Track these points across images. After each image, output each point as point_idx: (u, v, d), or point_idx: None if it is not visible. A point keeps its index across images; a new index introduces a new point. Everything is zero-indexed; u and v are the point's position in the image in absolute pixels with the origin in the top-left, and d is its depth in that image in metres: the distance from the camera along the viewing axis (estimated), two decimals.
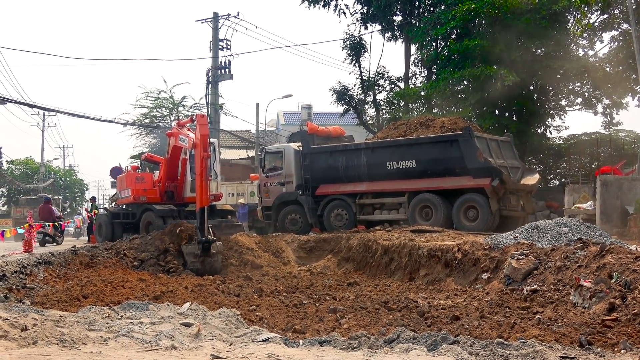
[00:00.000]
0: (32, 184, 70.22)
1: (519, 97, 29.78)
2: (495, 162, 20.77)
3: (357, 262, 18.35)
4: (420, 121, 23.64)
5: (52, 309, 10.78)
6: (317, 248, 20.46)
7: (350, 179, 23.14)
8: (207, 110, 39.41)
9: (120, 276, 15.83)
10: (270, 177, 24.88)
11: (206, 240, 18.10)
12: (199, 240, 18.10)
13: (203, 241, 18.05)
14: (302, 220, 24.03)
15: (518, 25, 28.00)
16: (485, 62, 28.29)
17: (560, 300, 11.01)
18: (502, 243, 14.44)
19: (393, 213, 22.43)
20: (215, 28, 38.42)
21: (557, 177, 36.63)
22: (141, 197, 23.96)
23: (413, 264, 16.28)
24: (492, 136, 22.87)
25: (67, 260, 16.95)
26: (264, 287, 14.69)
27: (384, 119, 38.78)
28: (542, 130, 32.78)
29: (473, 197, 20.72)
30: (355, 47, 39.59)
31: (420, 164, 21.66)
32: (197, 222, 18.31)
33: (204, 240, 18.06)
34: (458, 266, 14.91)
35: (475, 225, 20.36)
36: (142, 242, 19.33)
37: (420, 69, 39.59)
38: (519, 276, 12.53)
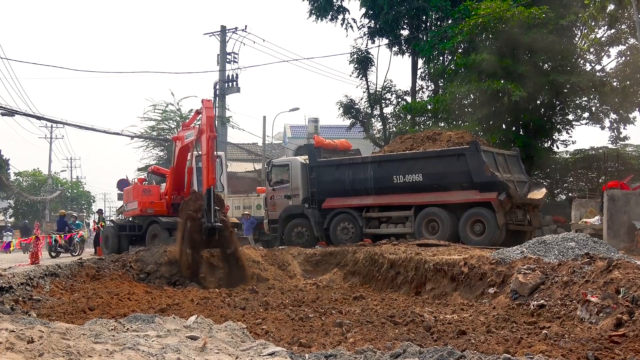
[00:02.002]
0: (39, 196, 70.39)
1: (526, 111, 29.75)
2: (502, 177, 20.75)
3: (363, 275, 18.32)
4: (427, 135, 23.64)
5: (59, 321, 10.79)
6: (323, 261, 20.43)
7: (356, 193, 23.13)
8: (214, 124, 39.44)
9: (126, 288, 15.84)
10: (276, 190, 24.89)
11: (212, 227, 18.11)
12: (205, 225, 18.08)
13: (209, 227, 18.06)
14: (309, 234, 24.01)
15: (525, 40, 28.00)
16: (492, 76, 28.26)
17: (567, 315, 10.96)
18: (508, 257, 14.40)
19: (399, 227, 22.40)
20: (223, 41, 38.59)
21: (564, 191, 36.55)
22: (148, 209, 23.98)
23: (419, 278, 16.25)
24: (499, 150, 22.85)
25: (74, 273, 16.98)
26: (269, 301, 14.66)
27: (391, 132, 38.76)
28: (549, 144, 32.73)
29: (480, 211, 20.68)
30: (362, 60, 39.64)
31: (427, 177, 21.64)
32: (204, 204, 18.32)
33: (209, 226, 18.05)
34: (464, 280, 14.87)
35: (481, 240, 20.32)
36: (148, 254, 19.34)
37: (427, 82, 39.63)
38: (525, 291, 12.49)
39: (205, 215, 18.16)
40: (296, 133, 62.78)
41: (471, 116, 30.28)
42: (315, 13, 39.51)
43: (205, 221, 18.12)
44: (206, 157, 18.63)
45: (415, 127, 34.07)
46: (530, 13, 27.54)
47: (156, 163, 45.90)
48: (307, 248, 22.05)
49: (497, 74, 28.51)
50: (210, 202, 18.21)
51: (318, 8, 39.30)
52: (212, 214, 18.18)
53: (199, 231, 18.22)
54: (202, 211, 18.37)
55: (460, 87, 29.50)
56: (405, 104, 38.16)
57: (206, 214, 18.13)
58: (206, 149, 18.78)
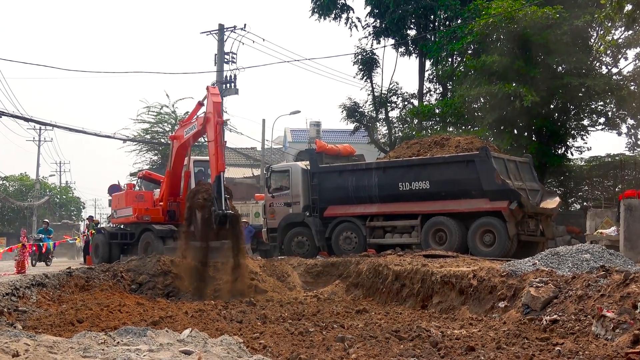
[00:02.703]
0: (26, 201, 70.41)
1: (539, 116, 29.74)
2: (513, 184, 20.74)
3: (367, 288, 18.30)
4: (435, 140, 23.65)
5: (45, 333, 10.75)
6: (324, 273, 20.41)
7: (360, 200, 23.12)
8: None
9: (117, 300, 15.83)
10: (276, 197, 24.89)
11: (223, 214, 18.09)
12: (215, 212, 18.04)
13: (220, 215, 18.03)
14: (309, 243, 24.00)
15: (538, 41, 28.01)
16: (504, 79, 28.28)
17: (581, 331, 10.93)
18: (520, 270, 14.37)
19: (405, 237, 22.38)
20: (221, 40, 38.61)
21: (578, 200, 36.51)
22: (144, 216, 23.90)
23: (426, 290, 16.22)
24: (510, 157, 22.85)
25: (62, 283, 16.96)
26: (268, 314, 14.64)
27: (397, 137, 38.79)
28: (562, 151, 32.71)
29: (490, 221, 20.67)
30: (367, 62, 39.70)
31: (434, 185, 21.64)
32: (214, 191, 18.33)
33: (221, 213, 18.04)
34: (473, 294, 14.84)
35: (491, 251, 20.30)
36: (141, 264, 19.33)
37: (435, 85, 39.69)
38: (537, 305, 12.46)
39: (216, 203, 18.15)
40: (297, 137, 62.88)
41: (481, 121, 30.27)
42: (318, 11, 39.59)
43: (216, 209, 18.09)
44: (214, 143, 18.81)
45: (423, 132, 34.08)
46: (544, 13, 27.55)
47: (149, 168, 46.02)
48: (307, 258, 22.04)
49: (508, 76, 28.51)
50: (220, 189, 18.27)
51: (321, 6, 39.38)
52: (222, 201, 18.19)
53: (209, 220, 18.18)
54: (211, 200, 18.36)
55: (469, 90, 29.51)
56: (412, 107, 38.19)
57: (216, 202, 18.14)
58: (214, 134, 18.96)
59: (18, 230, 41.35)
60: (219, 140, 18.85)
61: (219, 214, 18.02)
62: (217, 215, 18.01)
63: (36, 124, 52.85)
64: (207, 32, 39.06)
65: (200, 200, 18.69)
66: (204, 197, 18.69)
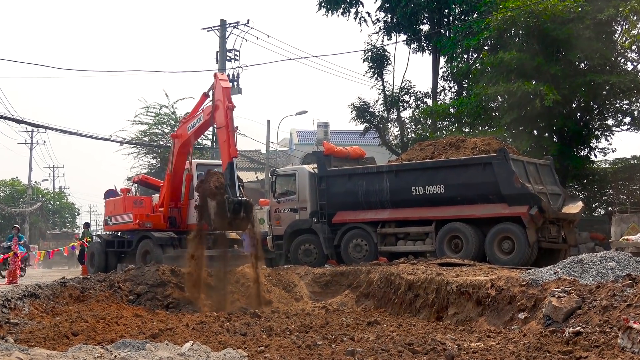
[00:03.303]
0: (18, 207, 70.65)
1: (560, 115, 29.70)
2: (533, 188, 20.70)
3: (378, 298, 18.29)
4: (450, 142, 23.62)
5: (39, 347, 10.79)
6: (333, 282, 20.41)
7: (370, 206, 23.11)
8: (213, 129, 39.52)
9: (114, 311, 15.86)
10: (281, 203, 24.89)
11: (238, 201, 18.15)
12: (229, 199, 18.10)
13: (235, 202, 18.07)
14: (317, 251, 23.99)
15: (559, 36, 27.98)
16: (523, 76, 28.25)
17: (606, 343, 10.90)
18: (540, 279, 14.35)
19: (418, 244, 22.36)
20: (223, 37, 38.70)
21: (602, 205, 36.41)
22: (146, 222, 23.85)
23: (441, 301, 16.21)
24: (530, 159, 22.81)
25: (56, 293, 17.01)
26: (273, 326, 14.65)
27: (409, 138, 38.78)
28: (585, 152, 32.66)
29: (508, 227, 20.64)
30: (377, 59, 39.74)
31: (449, 189, 21.62)
32: (227, 178, 18.45)
33: (235, 200, 18.08)
34: (491, 304, 14.83)
35: (510, 259, 20.26)
36: (139, 273, 19.36)
37: (449, 83, 39.66)
38: (560, 316, 12.43)
39: (229, 190, 18.24)
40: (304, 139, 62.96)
41: (499, 121, 30.26)
42: (326, 6, 39.66)
43: (230, 196, 18.18)
44: (225, 129, 19.02)
45: (437, 133, 34.09)
46: (565, 6, 27.53)
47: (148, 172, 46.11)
48: (315, 267, 22.03)
49: (527, 73, 28.49)
50: (233, 176, 18.45)
51: (328, 0, 39.44)
52: (236, 188, 18.32)
53: (222, 208, 18.24)
54: (223, 187, 18.48)
55: (486, 88, 29.49)
56: (426, 107, 38.19)
57: (229, 189, 18.24)
58: (225, 120, 19.18)
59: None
60: (230, 125, 19.03)
61: (234, 200, 18.11)
62: (231, 202, 18.08)
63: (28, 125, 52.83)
64: (208, 28, 39.20)
65: (211, 186, 18.74)
66: (215, 184, 18.76)
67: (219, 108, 19.54)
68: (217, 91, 19.95)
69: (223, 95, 19.51)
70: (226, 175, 18.61)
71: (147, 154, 50.89)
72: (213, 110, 19.97)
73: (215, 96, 20.09)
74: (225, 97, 19.45)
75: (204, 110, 20.92)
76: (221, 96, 19.58)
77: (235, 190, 18.26)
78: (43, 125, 39.90)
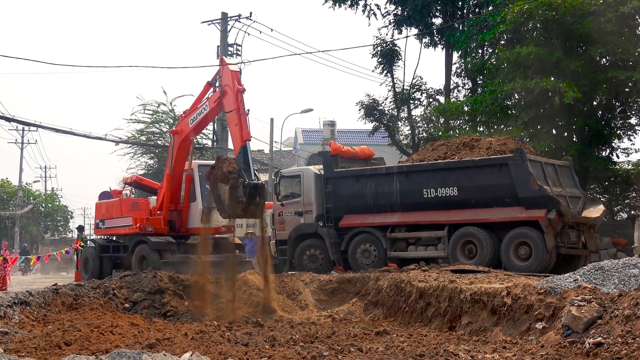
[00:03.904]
0: (7, 210, 70.79)
1: (580, 114, 29.68)
2: (551, 191, 20.68)
3: (388, 307, 18.28)
4: (463, 141, 23.60)
5: (29, 357, 10.82)
6: (340, 290, 20.41)
7: (380, 209, 23.10)
8: (214, 127, 39.68)
9: (108, 320, 15.87)
10: (285, 206, 24.89)
11: (254, 184, 18.30)
12: (245, 183, 18.21)
13: (251, 185, 18.20)
14: (323, 257, 23.99)
15: (579, 30, 27.96)
16: (541, 72, 28.22)
17: (629, 355, 10.89)
18: (559, 287, 14.34)
19: (430, 249, 22.35)
20: (224, 31, 38.73)
21: (625, 209, 36.38)
22: (147, 226, 23.78)
23: (454, 310, 16.20)
24: (549, 160, 22.78)
25: (47, 301, 17.04)
26: (277, 336, 14.66)
27: (421, 138, 38.81)
28: (607, 153, 32.64)
29: (525, 232, 20.61)
30: (387, 54, 39.77)
31: (463, 191, 21.60)
32: (241, 162, 18.63)
33: (252, 184, 18.22)
34: (507, 313, 14.81)
35: (527, 265, 20.23)
36: (135, 279, 19.39)
37: (463, 80, 39.71)
38: (579, 326, 12.42)
39: (244, 174, 18.40)
40: (309, 138, 63.00)
41: (515, 119, 30.23)
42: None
43: (245, 179, 18.33)
44: (237, 113, 19.24)
45: (450, 132, 34.09)
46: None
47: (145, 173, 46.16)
48: (321, 274, 22.02)
49: (546, 69, 28.46)
50: (247, 159, 18.69)
51: None
52: (252, 172, 18.55)
53: (236, 193, 18.31)
54: (235, 171, 18.57)
55: (502, 85, 29.49)
56: (438, 104, 38.22)
57: (244, 172, 18.41)
58: (235, 103, 19.42)
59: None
60: (242, 108, 19.25)
61: (250, 184, 18.26)
62: (247, 186, 18.18)
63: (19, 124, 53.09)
64: (208, 22, 39.21)
65: (224, 170, 18.79)
66: (228, 169, 18.82)
67: (228, 93, 19.79)
68: (224, 75, 20.20)
69: (232, 79, 19.77)
70: (240, 159, 18.76)
71: (144, 154, 50.98)
72: (221, 95, 20.11)
73: (223, 81, 20.31)
74: (234, 80, 19.71)
75: (210, 99, 21.06)
76: (230, 80, 19.84)
77: (250, 174, 18.50)
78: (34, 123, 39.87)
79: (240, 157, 18.78)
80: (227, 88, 19.83)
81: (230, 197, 18.26)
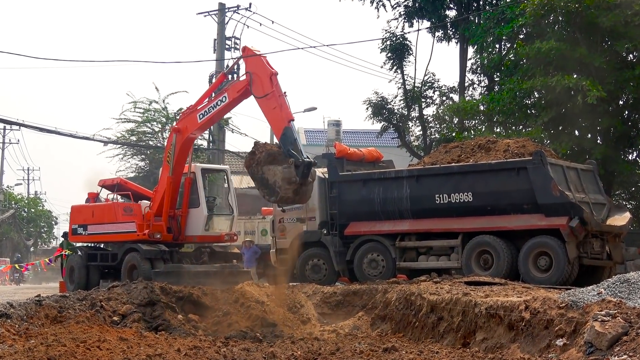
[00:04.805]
0: None
1: (605, 114, 29.66)
2: (574, 197, 20.68)
3: (397, 321, 18.29)
4: (479, 143, 23.62)
5: None
6: (345, 303, 20.44)
7: (388, 216, 23.12)
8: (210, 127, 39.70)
9: (95, 334, 15.88)
10: (287, 212, 24.92)
11: (309, 162, 18.66)
12: (298, 161, 18.45)
13: (305, 163, 18.53)
14: (327, 267, 24.02)
15: (604, 24, 27.95)
16: (562, 69, 28.24)
17: None
18: (582, 300, 14.33)
19: (443, 259, 22.37)
20: (221, 23, 38.82)
21: None
22: (155, 233, 23.51)
23: (468, 325, 16.20)
24: (571, 163, 22.79)
25: (30, 313, 17.03)
26: (277, 352, 14.68)
27: (433, 139, 38.84)
28: (634, 156, 32.65)
29: (545, 241, 20.62)
30: (397, 48, 39.81)
31: (478, 197, 21.62)
32: (287, 143, 18.88)
33: (306, 162, 18.58)
34: (525, 329, 14.81)
35: (547, 277, 20.25)
36: (125, 291, 19.40)
37: (479, 77, 39.74)
38: (603, 343, 12.41)
39: (295, 154, 18.67)
40: (313, 139, 63.09)
41: (535, 120, 30.25)
42: None
43: (298, 157, 18.59)
44: (274, 95, 19.51)
45: (464, 133, 34.08)
46: None
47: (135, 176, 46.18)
48: (325, 285, 22.07)
49: (568, 66, 28.48)
50: (294, 139, 18.98)
51: None
52: (300, 150, 18.85)
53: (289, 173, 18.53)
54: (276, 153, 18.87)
55: (521, 83, 29.50)
56: (452, 103, 38.23)
57: (293, 153, 18.67)
58: (269, 87, 19.67)
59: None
60: (278, 91, 19.57)
61: (304, 162, 18.56)
62: (300, 164, 18.50)
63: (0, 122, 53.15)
64: (204, 13, 39.33)
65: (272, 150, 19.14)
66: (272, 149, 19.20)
67: (258, 78, 20.05)
68: (251, 62, 20.51)
69: (263, 63, 20.12)
70: (285, 141, 18.99)
71: (134, 155, 51.01)
72: (251, 82, 20.31)
73: (249, 68, 20.55)
74: (265, 64, 20.08)
75: (231, 89, 21.22)
76: (260, 65, 20.15)
77: (300, 153, 18.79)
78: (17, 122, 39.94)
79: (284, 138, 19.03)
80: (258, 73, 20.14)
81: (283, 177, 18.48)
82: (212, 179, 28.51)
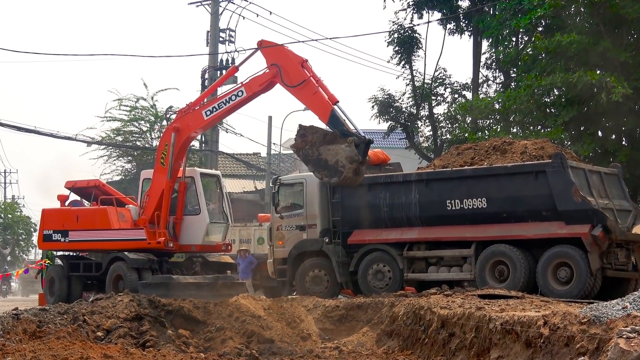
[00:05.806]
0: None
1: (631, 113, 29.63)
2: (596, 203, 20.70)
3: (404, 337, 18.29)
4: (494, 145, 23.64)
5: None
6: (348, 317, 20.44)
7: (395, 223, 23.13)
8: None
9: (77, 351, 15.89)
10: (285, 219, 24.93)
11: (368, 140, 19.75)
12: (357, 141, 19.37)
13: (366, 141, 19.61)
14: (329, 279, 24.01)
15: (630, 15, 27.94)
16: (585, 64, 28.24)
17: None
18: (605, 315, 14.32)
19: (454, 271, 22.37)
20: (215, 13, 38.89)
21: None
22: (169, 242, 23.32)
23: (481, 341, 16.20)
24: (593, 167, 22.80)
25: (7, 328, 17.05)
26: None
27: (444, 140, 38.84)
28: None
29: (566, 251, 20.63)
30: (405, 41, 39.82)
31: (493, 203, 21.64)
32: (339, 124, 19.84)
33: (366, 139, 19.66)
34: (544, 346, 14.81)
35: (568, 290, 20.25)
36: (109, 304, 19.41)
37: (494, 72, 39.75)
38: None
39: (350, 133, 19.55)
40: None
41: (555, 119, 30.25)
42: None
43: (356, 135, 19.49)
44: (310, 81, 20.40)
45: (478, 134, 34.09)
46: None
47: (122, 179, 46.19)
48: (326, 298, 22.07)
49: (591, 61, 28.47)
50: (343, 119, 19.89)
51: None
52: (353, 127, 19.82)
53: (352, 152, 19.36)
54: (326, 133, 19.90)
55: (540, 79, 29.49)
56: (464, 101, 38.19)
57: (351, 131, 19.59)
58: (303, 74, 20.52)
59: None
60: (314, 75, 20.42)
61: (364, 139, 19.61)
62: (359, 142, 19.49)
63: None
64: (197, 3, 39.46)
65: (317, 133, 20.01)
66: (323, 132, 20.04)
67: (287, 68, 20.70)
68: (275, 54, 21.19)
69: (288, 53, 20.99)
70: (335, 122, 19.90)
71: (120, 156, 50.95)
72: (280, 73, 20.86)
73: (274, 59, 21.07)
74: (291, 53, 20.92)
75: (251, 82, 21.70)
76: (285, 55, 20.93)
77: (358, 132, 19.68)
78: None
79: (334, 119, 19.90)
80: (286, 63, 20.79)
81: (346, 157, 19.06)
82: (205, 184, 28.53)
